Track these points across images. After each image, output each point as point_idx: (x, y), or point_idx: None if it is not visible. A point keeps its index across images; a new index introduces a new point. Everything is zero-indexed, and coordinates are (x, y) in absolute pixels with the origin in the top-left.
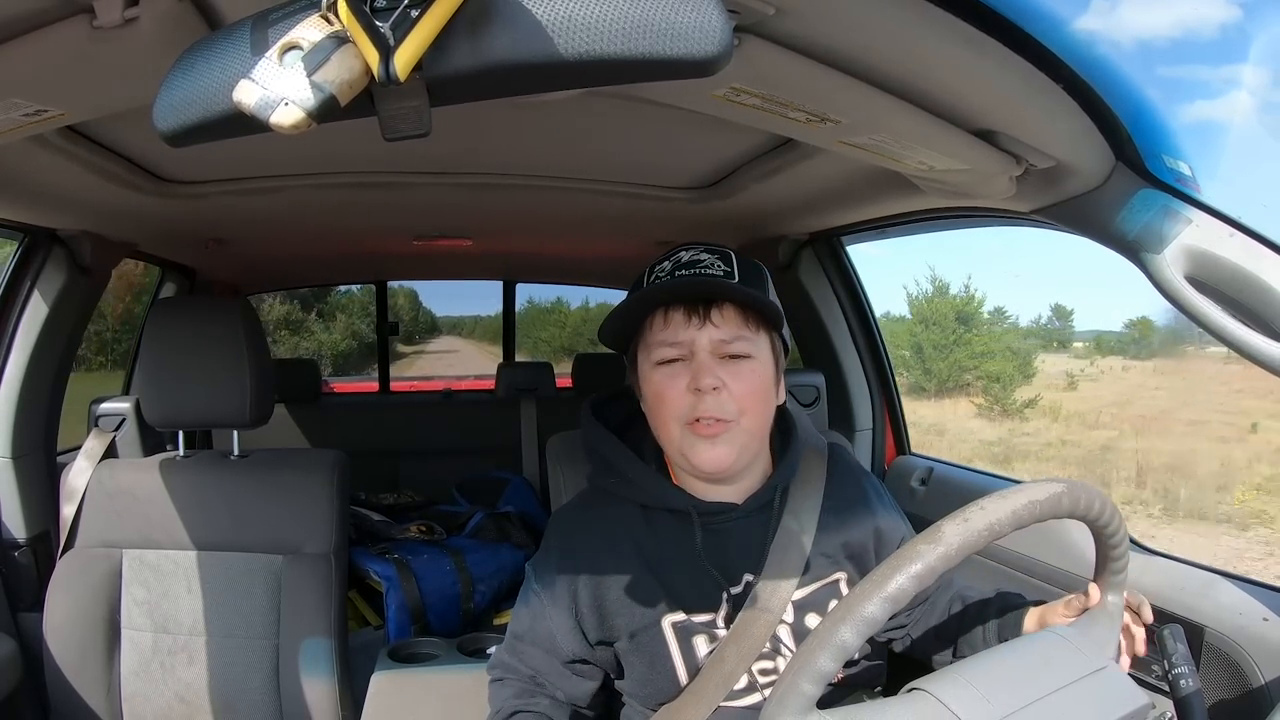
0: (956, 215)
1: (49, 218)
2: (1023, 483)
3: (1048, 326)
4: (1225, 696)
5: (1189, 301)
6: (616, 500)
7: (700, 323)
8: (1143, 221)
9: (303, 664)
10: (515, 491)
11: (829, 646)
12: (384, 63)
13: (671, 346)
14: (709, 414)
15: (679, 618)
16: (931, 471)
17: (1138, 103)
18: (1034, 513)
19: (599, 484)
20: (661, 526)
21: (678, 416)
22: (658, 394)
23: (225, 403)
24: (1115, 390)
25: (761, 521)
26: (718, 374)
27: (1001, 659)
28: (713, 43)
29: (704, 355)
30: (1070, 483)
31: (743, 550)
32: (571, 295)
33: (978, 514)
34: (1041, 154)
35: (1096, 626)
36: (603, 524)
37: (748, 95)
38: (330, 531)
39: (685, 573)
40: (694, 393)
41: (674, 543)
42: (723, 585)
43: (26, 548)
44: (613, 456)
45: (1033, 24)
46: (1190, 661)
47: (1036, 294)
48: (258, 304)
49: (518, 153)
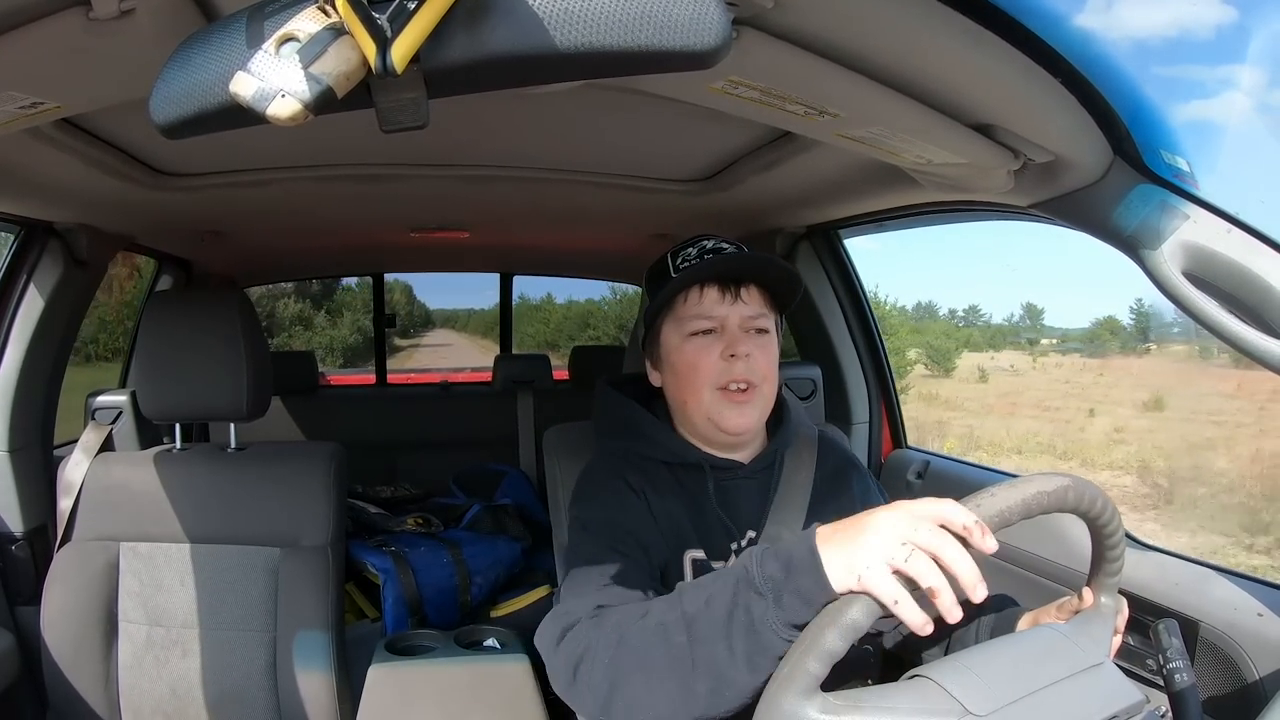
0: (954, 209)
1: (45, 210)
2: (1026, 475)
3: (1019, 324)
4: (1220, 691)
5: (1186, 297)
6: (636, 457)
7: (733, 299)
8: (1140, 217)
9: (300, 657)
10: (512, 484)
11: (837, 625)
12: (381, 54)
13: (706, 319)
14: (742, 378)
15: (699, 555)
16: (928, 465)
17: (1136, 98)
18: (1042, 504)
19: (618, 445)
20: (681, 478)
21: (711, 382)
22: (691, 362)
23: (222, 395)
24: (1021, 383)
25: (763, 482)
26: (747, 344)
27: (1001, 650)
28: (711, 35)
29: (734, 328)
30: (1075, 478)
31: (747, 506)
32: (560, 291)
33: (988, 500)
34: (1039, 148)
35: (1092, 626)
36: (636, 470)
37: (746, 88)
38: (327, 524)
39: (703, 518)
40: (728, 360)
41: (692, 492)
42: (732, 535)
43: (23, 541)
44: (636, 418)
45: (1031, 18)
46: (1185, 656)
47: (1009, 293)
48: (272, 303)
49: (515, 145)
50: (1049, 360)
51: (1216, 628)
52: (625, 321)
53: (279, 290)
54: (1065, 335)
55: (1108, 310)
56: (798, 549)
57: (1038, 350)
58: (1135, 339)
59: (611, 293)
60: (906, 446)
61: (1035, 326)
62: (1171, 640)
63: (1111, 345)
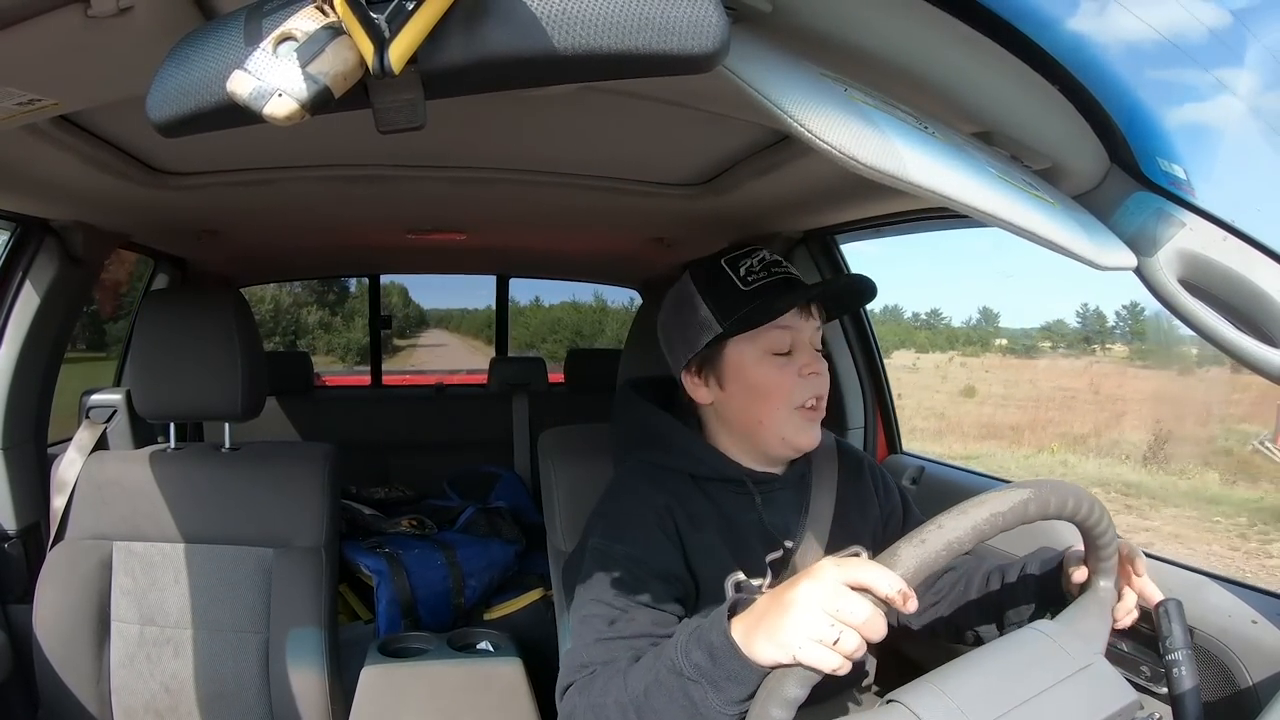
0: (951, 215)
1: (41, 208)
2: (1007, 484)
3: (979, 327)
4: (1214, 698)
5: (1183, 305)
6: (664, 472)
7: (808, 316)
8: (1137, 224)
9: (293, 657)
10: (507, 486)
11: (777, 699)
12: (379, 55)
13: (788, 337)
14: (818, 394)
15: (740, 578)
16: (923, 471)
17: (1133, 105)
18: (997, 525)
19: (646, 458)
20: (716, 496)
21: (791, 402)
22: (773, 381)
23: (217, 395)
24: (936, 376)
25: (799, 492)
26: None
27: (979, 666)
28: (709, 38)
29: (807, 345)
30: (1038, 485)
31: (785, 516)
32: (551, 295)
33: (935, 533)
34: (1036, 154)
35: (1087, 617)
36: (665, 487)
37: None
38: (321, 525)
39: (740, 535)
40: (806, 378)
41: (729, 508)
42: (771, 546)
43: (16, 539)
44: (667, 431)
45: (1028, 25)
46: (1188, 646)
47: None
48: (296, 311)
49: (513, 147)
50: (957, 360)
51: (1210, 635)
52: (581, 327)
53: (302, 300)
54: (1012, 337)
55: (1058, 314)
56: (715, 635)
57: (962, 352)
58: (1062, 343)
59: (571, 297)
60: (902, 452)
61: (991, 329)
62: (1173, 627)
63: (1043, 348)
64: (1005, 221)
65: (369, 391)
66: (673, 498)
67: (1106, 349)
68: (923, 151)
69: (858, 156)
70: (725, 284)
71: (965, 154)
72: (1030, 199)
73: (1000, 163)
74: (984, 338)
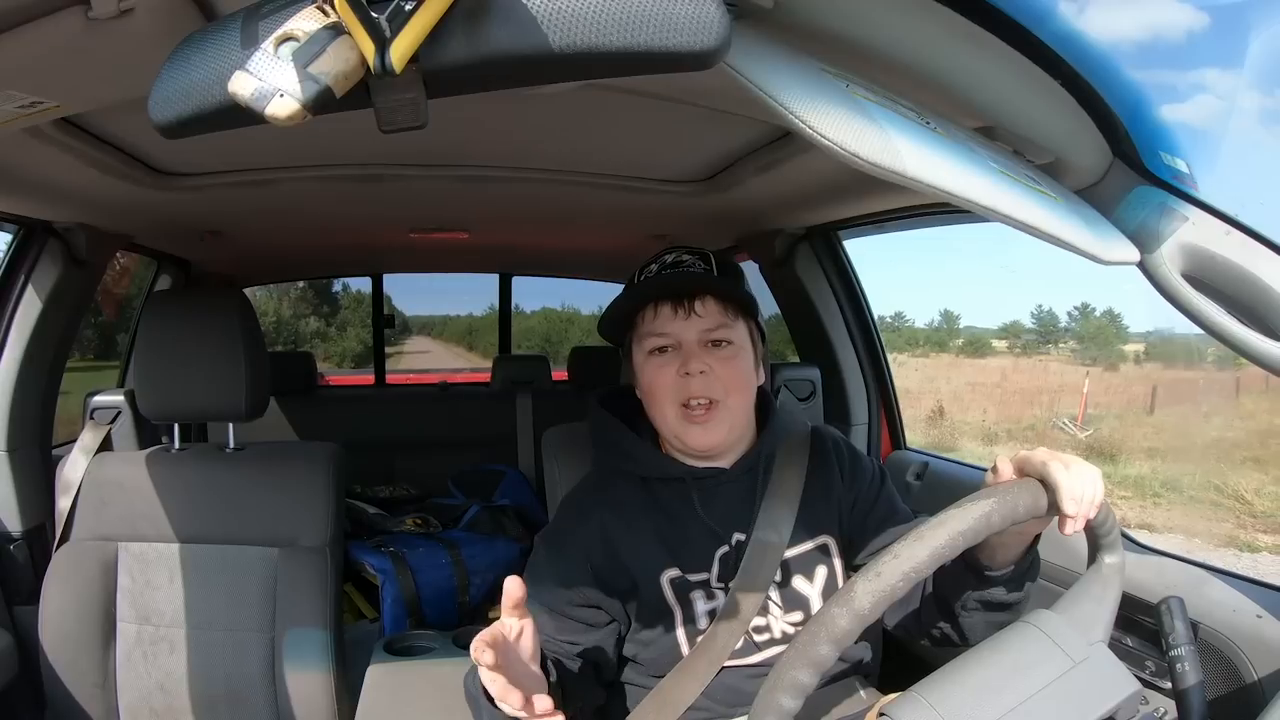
0: (953, 210)
1: (44, 210)
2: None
3: (939, 329)
4: (1219, 693)
5: (1186, 299)
6: (620, 476)
7: (685, 315)
8: (1139, 219)
9: (298, 657)
10: (511, 485)
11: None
12: (380, 54)
13: (660, 337)
14: (699, 394)
15: (675, 573)
16: (927, 466)
17: (1135, 99)
18: (957, 545)
19: (603, 463)
20: (660, 495)
21: (671, 399)
22: (651, 381)
23: (221, 395)
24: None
25: (748, 484)
26: (705, 360)
27: (971, 670)
28: (711, 35)
29: (691, 344)
30: (1001, 492)
31: (733, 509)
32: (531, 303)
33: (890, 563)
34: (1038, 149)
35: (1086, 602)
36: (611, 494)
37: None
38: (326, 524)
39: (682, 532)
40: (684, 377)
41: (671, 507)
42: (719, 540)
43: (22, 541)
44: (617, 437)
45: (1030, 19)
46: (1190, 643)
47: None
48: (295, 323)
49: (515, 145)
50: (914, 360)
51: (1215, 629)
52: (550, 333)
53: (300, 311)
54: (968, 337)
55: (1015, 315)
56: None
57: (913, 353)
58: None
59: (540, 306)
60: (906, 448)
61: (951, 330)
62: (1175, 624)
63: (997, 347)
64: (1007, 217)
65: (373, 391)
66: (610, 511)
67: (1059, 346)
68: (924, 147)
69: (859, 152)
70: (629, 286)
71: (967, 149)
72: (1033, 194)
73: (1002, 158)
74: (943, 339)
